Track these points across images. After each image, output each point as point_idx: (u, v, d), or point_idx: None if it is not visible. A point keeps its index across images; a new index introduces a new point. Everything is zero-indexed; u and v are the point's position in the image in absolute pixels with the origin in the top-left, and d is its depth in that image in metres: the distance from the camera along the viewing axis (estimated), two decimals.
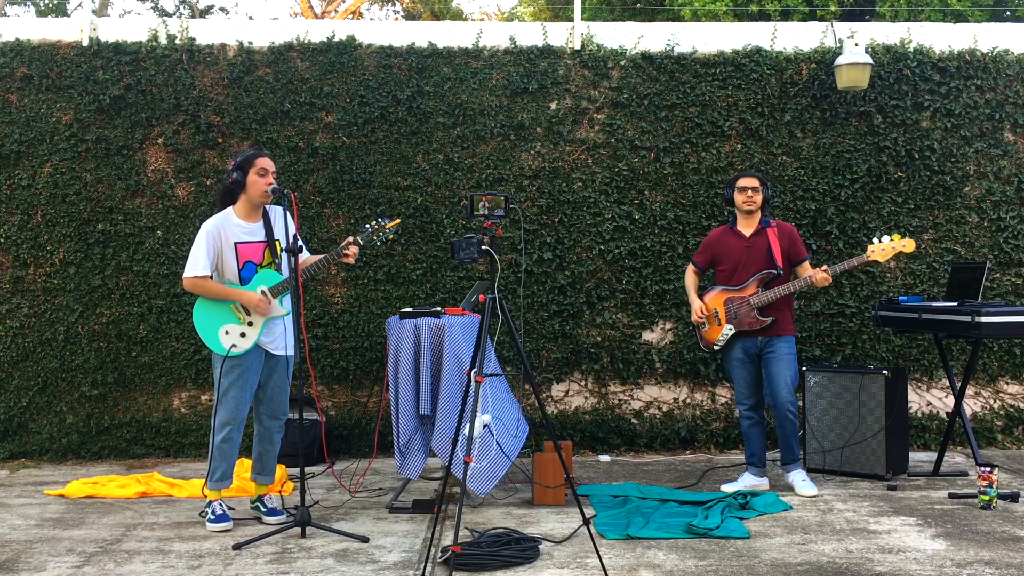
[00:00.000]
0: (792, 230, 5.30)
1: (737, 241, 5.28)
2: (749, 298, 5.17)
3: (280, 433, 4.84)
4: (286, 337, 4.71)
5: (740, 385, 5.29)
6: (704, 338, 5.36)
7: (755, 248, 5.21)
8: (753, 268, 5.20)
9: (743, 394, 5.29)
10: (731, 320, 5.21)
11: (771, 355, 5.18)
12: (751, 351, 5.23)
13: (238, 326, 4.59)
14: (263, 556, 4.13)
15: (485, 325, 3.82)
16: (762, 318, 5.14)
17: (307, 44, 6.42)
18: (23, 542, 4.40)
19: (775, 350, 5.17)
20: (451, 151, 6.43)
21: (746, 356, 5.24)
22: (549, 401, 6.48)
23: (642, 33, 6.57)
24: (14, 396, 6.30)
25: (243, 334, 4.58)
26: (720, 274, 5.34)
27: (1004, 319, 5.06)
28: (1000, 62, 6.56)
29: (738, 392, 5.32)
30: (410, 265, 6.41)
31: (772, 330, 5.16)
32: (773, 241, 5.18)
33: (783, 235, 5.23)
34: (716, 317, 5.26)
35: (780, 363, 5.15)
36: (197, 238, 4.61)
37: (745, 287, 5.20)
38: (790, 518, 4.70)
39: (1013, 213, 6.56)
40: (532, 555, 4.03)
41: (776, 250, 5.16)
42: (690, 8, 10.23)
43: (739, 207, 5.26)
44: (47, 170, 6.33)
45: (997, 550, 4.13)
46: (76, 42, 6.38)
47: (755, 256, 5.20)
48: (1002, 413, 6.56)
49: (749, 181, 5.22)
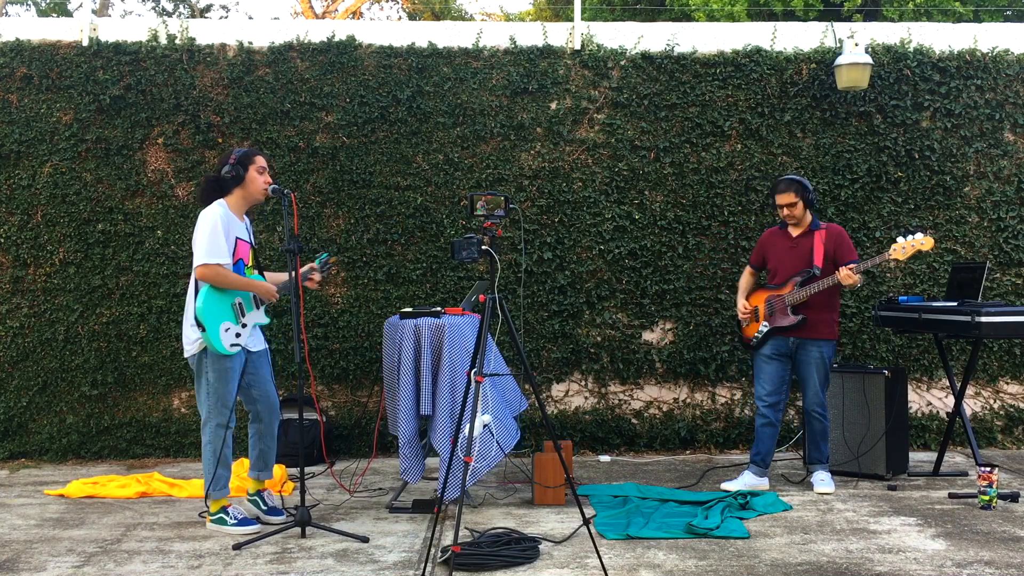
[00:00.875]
0: (840, 232, 5.27)
1: (784, 242, 5.32)
2: (784, 296, 5.21)
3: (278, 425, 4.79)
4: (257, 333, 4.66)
5: (763, 381, 5.30)
6: (744, 333, 5.45)
7: (799, 249, 5.25)
8: (794, 268, 5.23)
9: (763, 390, 5.29)
10: (768, 318, 5.27)
11: (802, 358, 5.23)
12: (782, 350, 5.25)
13: (235, 326, 4.47)
14: (263, 556, 4.13)
15: (485, 325, 3.82)
16: (792, 315, 5.17)
17: (307, 44, 6.42)
18: (23, 542, 4.40)
19: (807, 354, 5.20)
20: (451, 151, 6.43)
21: (775, 353, 5.26)
22: (549, 401, 6.48)
23: (642, 33, 6.57)
24: (14, 396, 6.30)
25: (238, 334, 4.48)
26: (768, 274, 5.42)
27: (1004, 319, 5.07)
28: (1000, 62, 6.56)
29: (758, 388, 5.33)
30: (410, 265, 6.41)
31: (804, 332, 5.18)
32: (818, 243, 5.19)
33: (830, 237, 5.21)
34: (756, 314, 5.34)
35: (809, 367, 5.19)
36: (207, 224, 4.37)
37: (784, 286, 5.24)
38: (790, 518, 4.70)
39: (1013, 213, 6.56)
40: (532, 555, 4.03)
41: (819, 252, 5.17)
42: (705, 12, 10.21)
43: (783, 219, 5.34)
44: (47, 170, 6.33)
45: (997, 550, 4.13)
46: (76, 42, 6.38)
47: (798, 257, 5.24)
48: (1002, 413, 6.56)
49: (783, 198, 5.22)
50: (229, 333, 4.44)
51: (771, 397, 5.27)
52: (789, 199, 5.20)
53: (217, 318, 4.40)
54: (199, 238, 4.40)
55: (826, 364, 5.20)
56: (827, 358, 5.20)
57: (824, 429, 5.26)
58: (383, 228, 6.40)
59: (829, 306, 5.22)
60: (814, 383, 5.20)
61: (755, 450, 5.34)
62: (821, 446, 5.28)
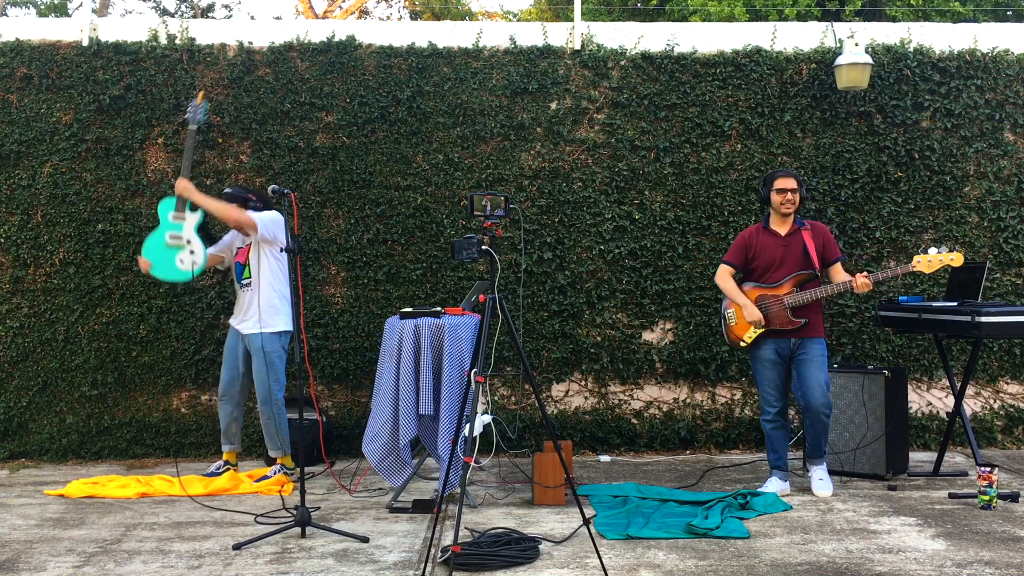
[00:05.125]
0: (825, 230, 5.19)
1: (772, 240, 5.16)
2: (784, 297, 5.07)
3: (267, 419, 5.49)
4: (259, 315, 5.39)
5: (768, 388, 5.16)
6: (731, 332, 5.24)
7: (791, 247, 5.11)
8: (788, 268, 5.10)
9: (771, 397, 5.15)
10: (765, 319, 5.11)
11: (804, 357, 5.08)
12: (783, 352, 5.12)
13: (182, 251, 5.38)
14: (263, 556, 4.13)
15: (485, 325, 3.82)
16: (795, 319, 5.05)
17: (307, 44, 6.42)
18: (23, 542, 4.40)
19: (808, 352, 5.07)
20: (451, 151, 6.43)
21: (778, 358, 5.13)
22: (549, 401, 6.48)
23: (642, 33, 6.57)
24: (14, 396, 6.30)
25: (192, 251, 5.36)
26: (751, 272, 5.23)
27: (1004, 319, 5.06)
28: (1000, 62, 6.56)
29: (765, 395, 5.18)
30: (410, 265, 6.41)
31: (804, 332, 5.07)
32: (808, 241, 5.08)
33: (817, 235, 5.12)
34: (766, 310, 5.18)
35: (813, 365, 5.04)
36: (276, 215, 5.37)
37: (780, 286, 5.10)
38: (790, 518, 4.70)
39: (1013, 213, 6.56)
40: (532, 555, 4.03)
41: (812, 250, 5.07)
42: (701, 15, 10.21)
43: (775, 208, 5.15)
44: (47, 170, 6.33)
45: (997, 550, 4.13)
46: (76, 42, 6.38)
47: (791, 256, 5.10)
48: (1002, 413, 6.56)
49: (787, 182, 5.09)
50: (184, 263, 5.38)
51: (779, 404, 5.15)
52: (792, 184, 5.08)
53: (167, 257, 5.40)
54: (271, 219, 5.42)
55: (826, 361, 5.11)
56: (826, 355, 5.12)
57: (826, 427, 5.13)
58: (383, 228, 6.40)
59: (822, 306, 5.20)
60: (819, 381, 5.01)
61: (775, 456, 5.19)
62: (822, 443, 5.16)
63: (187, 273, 5.33)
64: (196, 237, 5.37)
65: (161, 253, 5.36)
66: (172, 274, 5.37)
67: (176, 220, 5.38)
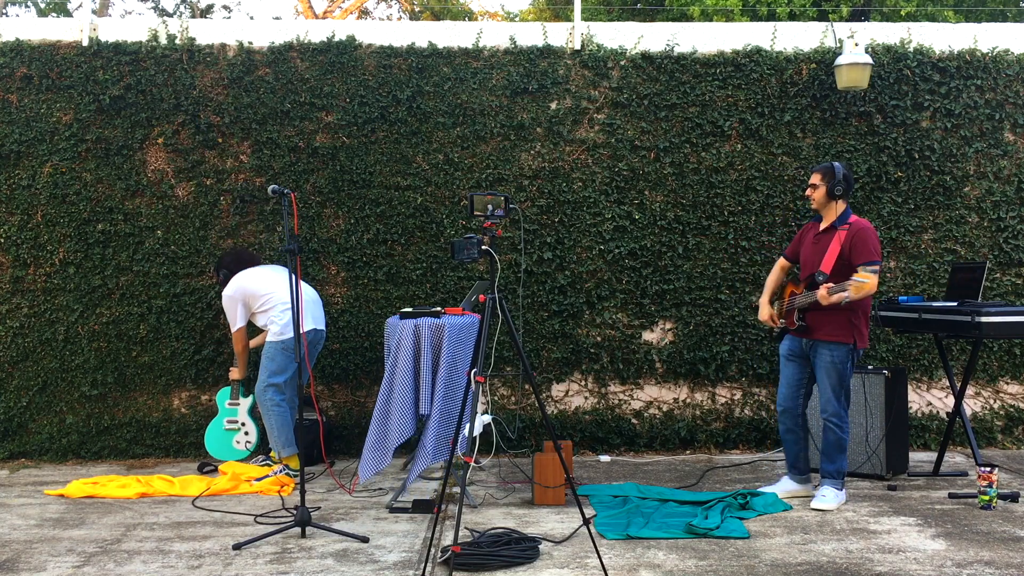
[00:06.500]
0: (859, 232, 4.86)
1: (810, 236, 5.10)
2: (796, 297, 5.05)
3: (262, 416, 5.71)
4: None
5: (780, 384, 5.14)
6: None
7: (819, 246, 4.99)
8: (811, 266, 5.00)
9: (781, 394, 5.12)
10: (785, 315, 5.12)
11: (815, 361, 4.98)
12: (795, 350, 5.07)
13: (238, 434, 6.03)
14: (263, 556, 4.13)
15: (485, 325, 3.82)
16: (795, 320, 5.01)
17: (307, 44, 6.42)
18: (23, 542, 4.40)
19: (817, 357, 4.94)
20: (451, 151, 6.43)
21: (791, 354, 5.09)
22: (549, 401, 6.48)
23: (642, 33, 6.57)
24: (14, 396, 6.30)
25: (247, 432, 6.00)
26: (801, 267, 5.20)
27: (1004, 319, 5.06)
28: (1000, 62, 6.56)
29: (778, 391, 5.17)
30: (410, 265, 6.41)
31: (811, 334, 4.95)
32: (835, 242, 4.87)
33: (848, 236, 4.86)
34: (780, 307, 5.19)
35: (820, 372, 4.93)
36: (226, 302, 5.70)
37: (801, 284, 5.07)
38: (790, 518, 4.70)
39: (1013, 213, 6.56)
40: (532, 555, 4.03)
41: (832, 253, 4.88)
42: (699, 7, 10.21)
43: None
44: (47, 170, 6.33)
45: (997, 550, 4.13)
46: (76, 42, 6.38)
47: (817, 255, 4.98)
48: (1002, 413, 6.56)
49: (811, 178, 5.03)
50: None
51: (786, 401, 5.08)
52: (813, 180, 5.00)
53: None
54: None
55: (839, 369, 4.86)
56: (839, 362, 4.85)
57: (839, 440, 4.90)
58: (383, 228, 6.40)
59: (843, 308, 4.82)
60: (825, 388, 4.90)
61: (786, 458, 5.17)
62: (834, 457, 4.91)
63: (244, 452, 5.98)
64: (249, 419, 5.99)
65: (220, 437, 5.97)
66: (231, 455, 5.97)
67: (231, 406, 5.99)
